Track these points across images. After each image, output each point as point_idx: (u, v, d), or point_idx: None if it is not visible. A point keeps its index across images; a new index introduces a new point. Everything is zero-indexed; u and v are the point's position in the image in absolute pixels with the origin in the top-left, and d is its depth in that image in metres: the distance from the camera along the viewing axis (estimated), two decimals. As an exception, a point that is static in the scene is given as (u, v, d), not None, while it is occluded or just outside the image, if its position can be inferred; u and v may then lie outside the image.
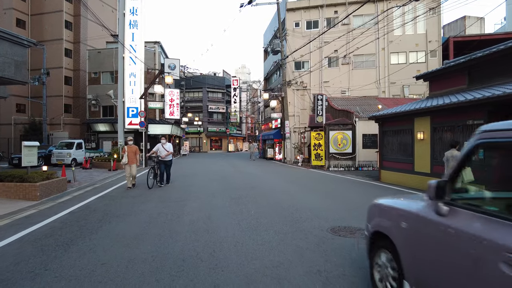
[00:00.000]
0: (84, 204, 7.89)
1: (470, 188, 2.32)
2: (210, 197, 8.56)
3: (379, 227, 2.99)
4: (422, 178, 10.69)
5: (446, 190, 2.21)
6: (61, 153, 20.41)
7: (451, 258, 2.03)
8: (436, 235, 2.19)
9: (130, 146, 10.55)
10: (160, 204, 7.66)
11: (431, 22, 25.31)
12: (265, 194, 9.06)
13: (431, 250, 2.26)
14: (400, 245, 2.61)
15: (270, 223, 5.58)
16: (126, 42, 21.72)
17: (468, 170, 2.22)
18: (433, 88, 13.01)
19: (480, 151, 2.23)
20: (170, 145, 10.99)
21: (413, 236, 2.48)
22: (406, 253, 2.53)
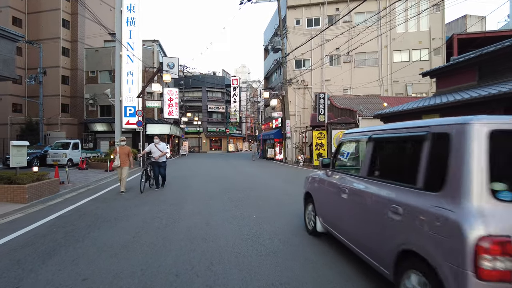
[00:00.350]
0: (75, 207, 7.40)
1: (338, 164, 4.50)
2: (209, 199, 8.07)
3: (307, 188, 5.13)
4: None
5: (330, 164, 4.40)
6: (56, 153, 19.91)
7: (334, 198, 3.97)
8: (326, 186, 4.35)
9: (122, 147, 9.64)
10: (155, 207, 7.17)
11: (434, 19, 24.84)
12: (267, 196, 8.58)
13: (324, 195, 4.41)
14: (315, 197, 4.77)
15: (274, 230, 5.09)
16: (123, 40, 21.24)
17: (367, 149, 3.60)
18: (440, 85, 12.54)
19: (347, 146, 4.45)
20: (164, 145, 10.17)
21: (319, 189, 4.66)
22: (317, 200, 4.67)
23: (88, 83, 30.82)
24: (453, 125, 2.35)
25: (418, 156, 2.59)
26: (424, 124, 2.70)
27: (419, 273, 2.36)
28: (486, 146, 2.11)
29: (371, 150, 3.45)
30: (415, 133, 2.79)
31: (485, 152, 2.11)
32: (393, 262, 2.66)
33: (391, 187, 2.90)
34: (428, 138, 2.56)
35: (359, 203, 3.38)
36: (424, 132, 2.63)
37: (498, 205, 2.04)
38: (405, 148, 3.12)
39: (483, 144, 2.12)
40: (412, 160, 2.70)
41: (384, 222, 2.83)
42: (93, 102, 30.34)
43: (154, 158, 9.79)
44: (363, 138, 3.76)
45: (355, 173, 3.78)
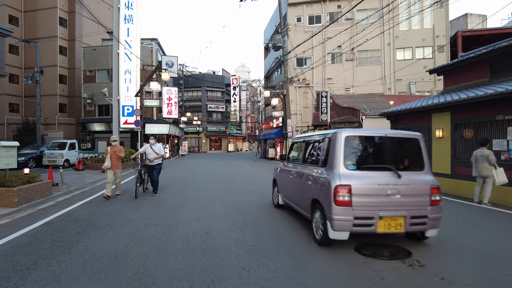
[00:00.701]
0: (66, 211, 6.94)
1: (290, 157, 6.56)
2: (209, 203, 7.61)
3: (274, 176, 7.27)
4: (441, 180, 9.72)
5: (285, 157, 6.90)
6: (53, 153, 19.43)
7: (289, 179, 6.00)
8: (283, 173, 6.54)
9: (113, 147, 8.80)
10: (151, 212, 6.71)
11: (438, 16, 24.38)
12: (271, 199, 8.11)
13: (283, 179, 6.45)
14: (278, 181, 6.87)
15: (282, 240, 4.62)
16: (121, 38, 20.77)
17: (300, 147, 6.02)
18: (448, 83, 12.06)
19: (295, 145, 6.59)
20: (161, 146, 9.21)
21: (280, 175, 6.75)
22: (279, 183, 6.75)
23: (85, 82, 30.33)
24: (333, 133, 4.52)
25: (321, 150, 4.87)
26: (325, 133, 4.91)
27: (318, 210, 4.53)
28: (343, 143, 4.31)
29: (303, 148, 5.94)
30: (321, 138, 4.97)
31: (343, 146, 4.30)
32: (309, 207, 4.88)
33: (310, 167, 5.21)
34: (324, 140, 4.78)
35: (297, 179, 5.69)
36: (324, 137, 4.83)
37: (347, 172, 4.19)
38: (316, 146, 5.30)
39: (342, 142, 4.30)
40: (318, 152, 5.10)
41: (306, 186, 5.10)
42: (91, 101, 29.86)
43: (149, 160, 8.90)
44: (301, 141, 6.27)
45: (297, 162, 6.10)
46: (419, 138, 4.68)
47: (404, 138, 4.75)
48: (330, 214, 4.10)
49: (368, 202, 4.07)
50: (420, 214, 4.17)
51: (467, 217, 6.38)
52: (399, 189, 4.13)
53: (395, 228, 4.08)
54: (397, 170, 4.25)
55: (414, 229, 4.24)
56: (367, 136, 4.63)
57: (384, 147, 4.63)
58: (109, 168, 8.66)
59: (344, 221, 4.03)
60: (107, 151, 8.81)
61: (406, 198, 4.15)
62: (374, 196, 4.10)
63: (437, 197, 4.29)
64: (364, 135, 4.66)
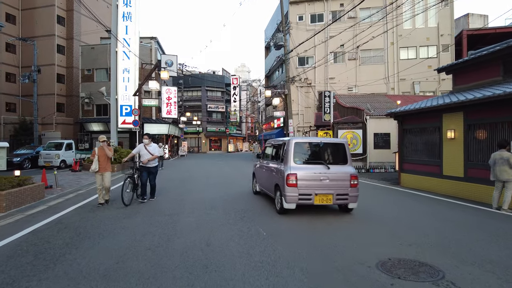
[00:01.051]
0: (57, 217, 6.47)
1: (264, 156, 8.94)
2: (210, 209, 7.13)
3: (253, 170, 9.63)
4: (453, 183, 9.30)
5: (261, 156, 9.36)
6: (49, 154, 18.98)
7: (262, 172, 8.47)
8: (259, 167, 8.97)
9: (102, 148, 7.80)
10: (148, 219, 6.23)
11: (442, 15, 23.94)
12: (273, 203, 7.64)
13: (259, 172, 8.99)
14: (255, 174, 9.35)
15: (293, 254, 4.13)
16: (119, 36, 20.29)
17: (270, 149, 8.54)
18: (458, 82, 11.59)
19: (267, 148, 9.00)
20: (156, 146, 8.38)
21: (257, 170, 9.25)
22: (256, 176, 9.25)
23: (83, 82, 29.85)
24: (287, 140, 6.78)
25: (281, 151, 6.97)
26: (283, 139, 7.20)
27: (278, 191, 6.67)
28: (293, 147, 6.51)
29: (271, 149, 8.17)
30: (282, 143, 7.20)
31: (293, 149, 6.48)
32: (273, 189, 6.98)
33: (275, 162, 7.31)
34: (283, 144, 6.97)
35: (267, 171, 7.85)
36: (283, 143, 7.07)
37: (295, 165, 6.35)
38: (278, 148, 7.38)
39: (292, 146, 6.51)
40: (280, 152, 7.09)
41: (272, 175, 7.27)
42: (89, 101, 29.38)
43: (142, 162, 8.00)
44: (270, 145, 8.57)
45: (268, 159, 8.29)
46: (344, 143, 6.94)
47: (333, 143, 7.16)
48: (284, 192, 6.28)
49: (308, 184, 6.22)
50: (343, 193, 6.26)
51: (488, 224, 5.92)
52: (328, 176, 6.26)
53: (326, 201, 6.24)
54: (327, 164, 6.43)
55: (339, 203, 6.43)
56: (309, 142, 7.08)
57: (320, 149, 6.91)
58: (97, 172, 7.70)
59: (293, 197, 6.20)
60: (94, 152, 7.85)
61: (333, 182, 6.25)
62: (312, 181, 6.24)
63: (355, 182, 6.36)
64: (307, 141, 7.10)
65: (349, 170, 6.44)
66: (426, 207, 7.61)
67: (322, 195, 6.16)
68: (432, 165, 10.32)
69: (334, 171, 6.31)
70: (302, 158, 6.62)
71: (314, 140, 7.21)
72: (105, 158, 7.78)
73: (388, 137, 17.44)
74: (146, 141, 8.22)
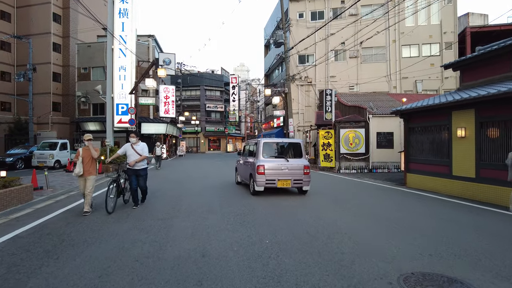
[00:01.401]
0: (42, 222, 5.99)
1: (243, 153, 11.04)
2: (207, 212, 6.64)
3: (236, 165, 11.92)
4: (464, 184, 8.84)
5: (241, 153, 11.43)
6: (42, 154, 18.46)
7: (243, 166, 10.28)
8: (240, 163, 11.02)
9: (87, 148, 6.84)
10: (140, 223, 5.75)
11: (446, 12, 23.49)
12: (278, 208, 7.15)
13: (239, 166, 11.09)
14: (237, 168, 11.52)
15: (301, 268, 3.61)
16: (115, 32, 19.81)
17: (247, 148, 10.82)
18: (466, 79, 11.13)
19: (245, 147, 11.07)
20: (145, 145, 7.40)
21: (238, 164, 11.32)
22: (237, 169, 11.39)
23: (80, 80, 29.31)
24: (258, 141, 9.16)
25: (254, 149, 9.25)
26: (256, 140, 9.61)
27: (252, 178, 8.97)
28: (262, 146, 8.90)
29: (248, 148, 10.35)
30: (254, 143, 9.55)
31: (262, 147, 8.86)
32: (248, 178, 9.32)
33: (250, 158, 9.45)
34: (256, 144, 9.27)
35: (245, 165, 9.93)
36: (255, 143, 9.45)
37: (263, 159, 8.67)
38: (252, 147, 9.60)
39: (262, 145, 8.91)
40: (252, 150, 9.53)
41: (248, 168, 9.46)
42: (85, 100, 28.84)
43: (129, 164, 7.10)
44: (246, 145, 10.91)
45: (245, 156, 10.23)
46: (300, 142, 9.45)
47: (292, 143, 9.60)
48: (255, 179, 8.48)
49: (272, 172, 8.43)
50: (298, 178, 8.55)
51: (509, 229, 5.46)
52: (287, 166, 8.55)
53: (286, 185, 8.48)
54: (287, 158, 8.81)
55: (295, 186, 8.67)
56: (274, 142, 9.49)
57: (282, 147, 9.36)
58: (81, 176, 6.72)
59: (261, 182, 8.39)
60: (78, 153, 6.83)
61: (291, 170, 8.53)
62: (275, 170, 8.49)
63: (307, 170, 8.63)
64: (273, 142, 9.48)
65: (303, 162, 8.83)
66: (440, 210, 7.13)
67: (283, 180, 8.50)
68: (440, 165, 9.86)
69: (292, 163, 8.71)
70: (269, 154, 8.93)
71: (278, 140, 9.76)
72: (90, 160, 6.83)
73: (391, 136, 17.00)
74: (133, 140, 7.29)
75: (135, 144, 7.26)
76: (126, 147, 7.27)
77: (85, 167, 6.72)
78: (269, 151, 8.96)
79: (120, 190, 7.15)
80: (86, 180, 6.74)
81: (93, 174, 6.83)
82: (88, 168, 6.76)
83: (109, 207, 6.49)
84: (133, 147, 7.19)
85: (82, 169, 6.68)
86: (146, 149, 7.37)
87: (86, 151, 6.82)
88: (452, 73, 23.29)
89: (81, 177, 6.74)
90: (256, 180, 8.41)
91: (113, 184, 6.80)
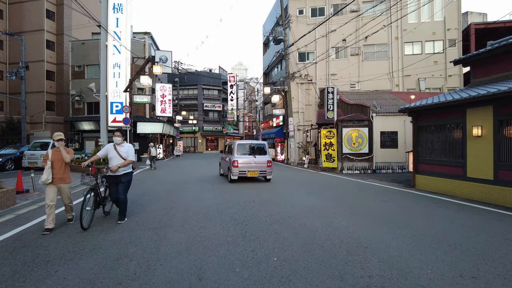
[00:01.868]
0: (19, 231, 5.34)
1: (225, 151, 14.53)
2: (204, 221, 5.94)
3: (219, 161, 15.22)
4: (480, 186, 8.23)
5: (223, 151, 15.94)
6: (33, 154, 17.71)
7: (224, 162, 13.32)
8: (223, 159, 13.88)
9: (57, 151, 5.59)
10: (128, 234, 5.09)
11: (449, 8, 22.91)
12: (283, 215, 6.43)
13: (223, 161, 13.68)
14: (220, 163, 14.55)
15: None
16: (109, 28, 19.11)
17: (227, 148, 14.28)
18: (478, 74, 10.55)
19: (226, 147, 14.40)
20: (130, 147, 6.10)
21: (221, 161, 14.40)
22: (220, 164, 14.50)
23: (74, 78, 28.51)
24: (233, 143, 12.59)
25: (231, 148, 12.35)
26: (232, 142, 13.05)
27: (229, 170, 11.81)
28: (237, 146, 12.04)
29: (228, 147, 13.41)
30: (232, 144, 12.74)
31: (237, 147, 11.98)
32: (227, 170, 12.27)
33: (229, 154, 12.37)
34: (232, 144, 12.48)
35: (225, 160, 13.07)
36: (232, 144, 12.72)
37: (238, 156, 11.67)
38: (231, 147, 12.67)
39: (236, 145, 12.04)
40: (230, 149, 12.65)
41: (227, 162, 12.34)
42: (80, 99, 28.08)
43: (110, 169, 5.80)
44: (228, 145, 13.69)
45: (226, 153, 13.40)
46: (265, 143, 12.56)
47: (259, 144, 12.53)
48: (231, 171, 11.23)
49: (244, 166, 11.21)
50: (263, 170, 11.43)
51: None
52: (255, 161, 11.36)
53: (254, 174, 11.34)
54: (255, 155, 11.63)
55: (261, 175, 11.55)
56: (246, 143, 12.36)
57: (252, 147, 12.15)
58: (50, 183, 5.44)
59: (236, 173, 11.16)
60: (46, 155, 5.55)
61: (258, 164, 11.35)
62: (246, 164, 11.26)
63: (270, 164, 11.50)
64: (245, 143, 12.35)
65: (267, 158, 11.84)
66: (464, 217, 6.49)
67: (251, 171, 11.43)
68: (453, 166, 9.26)
69: (258, 159, 11.63)
70: (241, 152, 11.84)
71: (249, 142, 12.64)
72: (62, 164, 5.56)
73: (395, 136, 16.41)
74: (117, 140, 6.05)
75: (119, 145, 6.04)
76: (108, 149, 6.01)
77: (56, 173, 5.48)
78: (242, 150, 12.01)
79: (100, 200, 5.90)
80: (60, 189, 5.59)
81: (67, 181, 5.66)
82: (61, 174, 5.53)
83: (84, 222, 5.27)
84: (117, 149, 5.95)
85: (51, 175, 5.43)
86: (132, 151, 6.06)
87: (57, 153, 5.57)
88: (456, 71, 22.74)
89: (50, 185, 5.46)
90: (232, 171, 11.35)
91: (90, 194, 5.60)
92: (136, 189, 10.12)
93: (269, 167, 11.50)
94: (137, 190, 10.01)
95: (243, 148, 12.00)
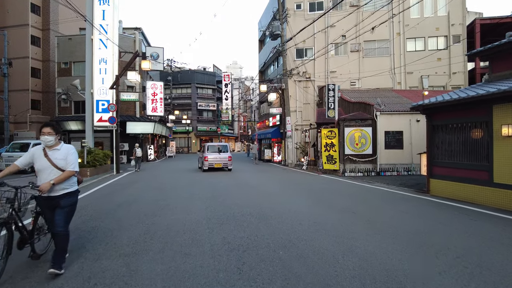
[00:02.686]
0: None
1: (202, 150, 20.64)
2: (190, 243, 4.69)
3: (198, 158, 21.05)
4: (510, 193, 7.20)
5: (200, 151, 21.28)
6: (12, 156, 16.44)
7: (201, 158, 18.43)
8: (201, 156, 18.83)
9: None
10: (91, 264, 3.89)
11: (454, 3, 22.00)
12: (291, 236, 5.20)
13: (199, 158, 19.56)
14: (198, 159, 20.38)
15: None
16: (95, 21, 17.83)
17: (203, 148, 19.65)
18: (497, 69, 9.55)
19: (202, 147, 22.39)
20: (71, 149, 3.79)
21: (199, 158, 19.69)
22: (199, 161, 19.88)
23: (60, 76, 27.10)
24: (205, 144, 18.95)
25: (204, 148, 18.34)
26: (206, 144, 19.12)
27: (202, 164, 18.37)
28: (207, 146, 18.18)
29: (203, 148, 18.63)
30: (205, 145, 18.75)
31: (207, 147, 18.09)
32: (201, 164, 18.31)
33: (203, 153, 17.92)
34: (205, 146, 18.40)
35: (201, 157, 18.50)
36: (205, 145, 18.71)
37: (208, 153, 17.42)
38: (204, 147, 18.53)
39: (207, 146, 18.18)
40: (203, 149, 18.43)
41: (201, 158, 18.33)
42: (66, 97, 26.69)
43: (40, 190, 3.51)
44: (204, 146, 18.95)
45: (202, 152, 18.27)
46: (227, 145, 19.04)
47: (223, 144, 18.85)
48: (203, 164, 17.24)
49: (212, 160, 17.16)
50: (225, 162, 17.39)
51: None
52: (220, 157, 17.38)
53: (219, 166, 17.26)
54: (220, 152, 17.61)
55: (224, 166, 17.42)
56: (214, 145, 18.83)
57: (218, 147, 18.07)
58: None
59: (207, 165, 17.03)
60: None
61: (222, 159, 17.35)
62: (214, 159, 17.21)
63: (230, 159, 17.42)
64: (213, 145, 18.81)
65: (228, 155, 17.36)
66: (508, 233, 5.45)
67: (217, 164, 17.03)
68: (475, 169, 8.22)
69: (222, 155, 17.23)
70: (211, 150, 17.47)
71: (216, 144, 18.11)
72: None
73: (400, 136, 15.42)
74: (48, 141, 3.64)
75: (52, 148, 3.71)
76: (35, 155, 3.70)
77: None
78: (211, 149, 17.75)
79: (23, 238, 3.67)
80: None
81: None
82: None
83: None
84: (48, 155, 3.66)
85: None
86: (74, 156, 3.76)
87: None
88: (460, 68, 21.83)
89: None
90: (204, 163, 16.98)
91: (8, 222, 3.44)
92: (119, 197, 8.94)
93: (230, 160, 17.31)
94: (120, 198, 8.82)
95: (212, 148, 17.99)
